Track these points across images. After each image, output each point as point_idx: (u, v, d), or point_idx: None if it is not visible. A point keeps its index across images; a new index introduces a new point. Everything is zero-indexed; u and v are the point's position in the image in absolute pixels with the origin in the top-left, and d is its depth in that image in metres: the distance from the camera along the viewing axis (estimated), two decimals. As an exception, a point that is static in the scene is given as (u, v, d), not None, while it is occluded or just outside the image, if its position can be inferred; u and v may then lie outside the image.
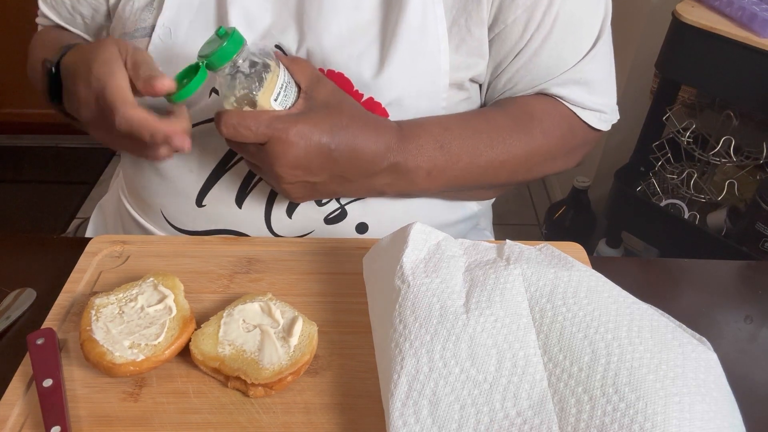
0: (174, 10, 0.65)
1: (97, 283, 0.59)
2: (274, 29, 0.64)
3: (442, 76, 0.65)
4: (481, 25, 0.64)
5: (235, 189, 0.68)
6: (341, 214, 0.70)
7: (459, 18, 0.64)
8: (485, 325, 0.47)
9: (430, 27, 0.63)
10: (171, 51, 0.65)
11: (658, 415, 0.41)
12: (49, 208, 2.11)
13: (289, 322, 0.53)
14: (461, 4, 0.64)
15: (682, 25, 1.25)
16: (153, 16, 0.65)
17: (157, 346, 0.50)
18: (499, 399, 0.44)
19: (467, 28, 0.64)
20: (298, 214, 0.69)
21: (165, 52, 0.65)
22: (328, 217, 0.69)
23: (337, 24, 0.63)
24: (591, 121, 0.72)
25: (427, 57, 0.64)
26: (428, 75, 0.64)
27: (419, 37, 0.63)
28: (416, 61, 0.63)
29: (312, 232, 0.70)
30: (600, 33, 0.68)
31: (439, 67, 0.64)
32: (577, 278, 0.50)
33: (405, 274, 0.51)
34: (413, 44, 0.63)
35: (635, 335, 0.46)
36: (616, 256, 1.69)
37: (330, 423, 0.48)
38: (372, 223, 0.71)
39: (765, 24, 1.16)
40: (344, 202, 0.69)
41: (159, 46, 0.65)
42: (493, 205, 0.91)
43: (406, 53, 0.62)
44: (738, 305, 0.60)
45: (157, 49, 0.65)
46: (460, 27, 0.64)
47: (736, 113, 1.33)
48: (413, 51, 0.63)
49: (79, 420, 0.48)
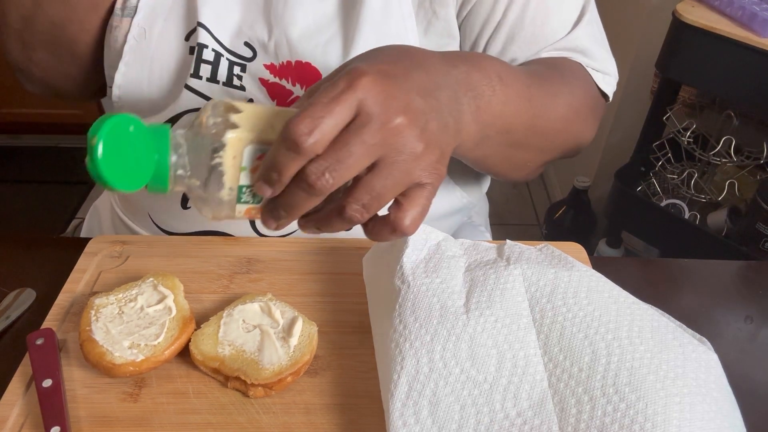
0: (149, 9, 0.65)
1: (96, 284, 0.59)
2: (243, 25, 0.64)
3: None
4: (446, 5, 0.64)
5: None
6: None
7: (424, 0, 0.64)
8: (485, 325, 0.47)
9: (393, 8, 0.63)
10: (144, 52, 0.65)
11: (658, 416, 0.41)
12: (49, 208, 2.11)
13: (289, 322, 0.53)
14: None
15: (682, 25, 1.25)
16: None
17: (157, 346, 0.50)
18: (499, 399, 0.44)
19: (432, 10, 0.64)
20: None
21: (140, 53, 0.65)
22: None
23: (303, 15, 0.63)
24: (599, 81, 0.69)
25: (393, 39, 0.63)
26: None
27: (382, 19, 0.62)
28: (381, 44, 0.62)
29: (296, 231, 0.69)
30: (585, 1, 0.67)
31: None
32: (577, 278, 0.50)
33: (405, 274, 0.51)
34: (377, 27, 0.62)
35: (635, 335, 0.46)
36: (616, 256, 1.69)
37: (330, 423, 0.48)
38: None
39: (765, 24, 1.16)
40: None
41: (134, 47, 0.65)
42: (493, 205, 0.90)
43: (371, 36, 0.62)
44: (738, 305, 0.60)
45: (132, 50, 0.65)
46: (426, 9, 0.64)
47: (737, 113, 1.33)
48: (378, 33, 0.62)
49: (78, 420, 0.48)
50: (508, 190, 2.27)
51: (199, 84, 0.64)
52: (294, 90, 0.64)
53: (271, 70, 0.64)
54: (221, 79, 0.64)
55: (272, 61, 0.64)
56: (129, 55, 0.65)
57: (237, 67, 0.64)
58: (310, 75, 0.63)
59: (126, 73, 0.66)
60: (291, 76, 0.64)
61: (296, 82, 0.64)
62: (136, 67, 0.66)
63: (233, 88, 0.64)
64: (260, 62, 0.64)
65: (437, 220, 0.75)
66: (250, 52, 0.64)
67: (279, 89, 0.64)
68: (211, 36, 0.63)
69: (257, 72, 0.64)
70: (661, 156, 1.46)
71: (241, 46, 0.64)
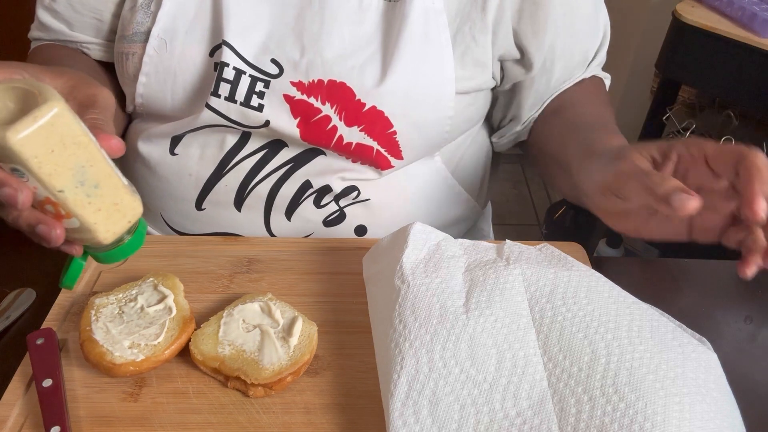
0: (169, 19, 0.64)
1: (96, 283, 0.59)
2: (270, 42, 0.64)
3: (448, 84, 0.65)
4: (486, 32, 0.65)
5: (234, 192, 0.68)
6: (340, 216, 0.70)
7: (463, 26, 0.65)
8: (485, 325, 0.47)
9: (432, 35, 0.63)
10: (166, 64, 0.64)
11: (657, 415, 0.41)
12: (49, 208, 2.10)
13: (289, 322, 0.53)
14: (465, 13, 0.65)
15: (682, 25, 1.25)
16: (150, 19, 0.64)
17: (157, 346, 0.50)
18: (498, 399, 0.44)
19: (472, 35, 0.65)
20: (297, 217, 0.69)
21: (160, 65, 0.64)
22: (326, 219, 0.69)
23: (339, 37, 0.63)
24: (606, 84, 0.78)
25: (431, 64, 0.64)
26: (432, 83, 0.64)
27: (422, 46, 0.63)
28: (419, 69, 0.63)
29: (311, 234, 0.70)
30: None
31: (444, 75, 0.64)
32: (577, 278, 0.50)
33: (405, 274, 0.51)
34: (416, 52, 0.63)
35: (635, 335, 0.46)
36: (616, 256, 1.69)
37: (330, 423, 0.48)
38: (371, 226, 0.71)
39: (765, 24, 1.16)
40: (343, 204, 0.69)
41: (154, 58, 0.64)
42: (493, 205, 0.91)
43: (410, 61, 0.63)
44: (738, 305, 0.60)
45: (152, 61, 0.64)
46: (464, 35, 0.65)
47: (736, 113, 1.33)
48: (416, 59, 0.63)
49: (78, 420, 0.48)
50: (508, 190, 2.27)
51: (218, 102, 0.63)
52: (323, 108, 0.64)
53: (298, 87, 0.63)
54: (239, 99, 0.63)
55: (301, 78, 0.63)
56: (149, 66, 0.64)
57: (260, 83, 0.63)
58: (343, 95, 0.63)
59: (147, 84, 0.65)
60: (321, 95, 0.63)
61: (326, 100, 0.63)
62: (158, 79, 0.65)
63: (250, 109, 0.64)
64: (287, 79, 0.63)
65: (448, 227, 0.76)
66: (277, 69, 0.63)
67: (305, 106, 0.63)
68: (235, 53, 0.63)
69: (282, 89, 0.63)
70: (661, 156, 1.46)
71: (268, 62, 0.63)
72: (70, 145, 0.38)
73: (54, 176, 0.38)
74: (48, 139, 0.37)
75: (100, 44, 0.72)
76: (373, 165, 0.68)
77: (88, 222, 0.41)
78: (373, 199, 0.70)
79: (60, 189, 0.39)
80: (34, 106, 0.37)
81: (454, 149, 0.74)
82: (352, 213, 0.70)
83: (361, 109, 0.63)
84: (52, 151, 0.37)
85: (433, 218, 0.73)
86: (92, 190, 0.40)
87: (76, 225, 0.41)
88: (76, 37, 0.72)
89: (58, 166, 0.38)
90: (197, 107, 0.65)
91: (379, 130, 0.64)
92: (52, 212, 0.40)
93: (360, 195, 0.69)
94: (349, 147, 0.65)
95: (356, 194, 0.69)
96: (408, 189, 0.72)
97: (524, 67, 0.70)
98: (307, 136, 0.64)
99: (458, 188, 0.76)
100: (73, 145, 0.38)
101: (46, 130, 0.37)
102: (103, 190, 0.41)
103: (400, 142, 0.66)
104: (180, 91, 0.65)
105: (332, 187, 0.68)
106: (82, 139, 0.39)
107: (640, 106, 1.56)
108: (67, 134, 0.38)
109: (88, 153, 0.39)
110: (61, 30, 0.72)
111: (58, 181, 0.38)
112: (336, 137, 0.64)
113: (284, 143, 0.66)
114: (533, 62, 0.69)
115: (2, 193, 0.37)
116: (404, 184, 0.71)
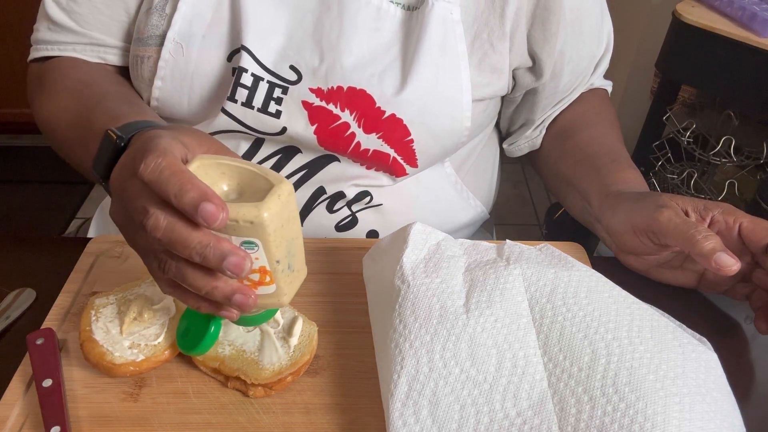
0: (185, 23, 0.63)
1: (97, 283, 0.59)
2: (289, 49, 0.64)
3: (464, 93, 0.65)
4: (504, 39, 0.66)
5: None
6: (352, 221, 0.70)
7: (481, 32, 0.65)
8: (485, 325, 0.47)
9: (449, 44, 0.64)
10: (183, 68, 0.64)
11: (658, 416, 0.41)
12: (49, 208, 2.11)
13: (289, 322, 0.53)
14: (483, 19, 0.65)
15: (682, 25, 1.25)
16: (165, 23, 0.64)
17: (157, 346, 0.50)
18: (499, 399, 0.44)
19: (490, 42, 0.66)
20: (310, 222, 0.69)
21: (176, 69, 0.64)
22: (339, 224, 0.69)
23: (358, 44, 0.63)
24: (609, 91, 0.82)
25: (448, 73, 0.64)
26: (450, 92, 0.65)
27: (439, 54, 0.64)
28: (438, 78, 0.64)
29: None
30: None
31: (461, 84, 0.65)
32: (577, 278, 0.50)
33: (405, 274, 0.51)
34: (434, 61, 0.63)
35: (635, 335, 0.46)
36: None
37: (330, 423, 0.48)
38: (383, 231, 0.71)
39: (765, 24, 1.16)
40: (355, 209, 0.69)
41: (170, 62, 0.64)
42: (494, 206, 0.91)
43: (428, 69, 0.63)
44: (738, 305, 0.60)
45: (168, 65, 0.64)
46: (482, 41, 0.66)
47: (736, 113, 1.33)
48: (435, 67, 0.63)
49: (78, 420, 0.48)
50: (508, 190, 2.27)
51: (234, 108, 0.63)
52: (342, 115, 0.64)
53: (317, 94, 0.63)
54: (256, 105, 0.63)
55: (320, 85, 0.63)
56: (164, 71, 0.64)
57: (278, 89, 0.63)
58: (362, 102, 0.63)
59: (163, 88, 0.65)
60: (340, 101, 0.63)
61: (345, 107, 0.63)
62: (174, 83, 0.65)
63: (267, 115, 0.63)
64: (305, 86, 0.63)
65: (458, 231, 0.76)
66: (295, 75, 0.63)
67: (324, 113, 0.63)
68: (253, 59, 0.63)
69: (301, 95, 0.63)
70: (661, 156, 1.46)
71: (286, 69, 0.63)
72: (291, 219, 0.42)
73: (278, 248, 0.41)
74: (281, 215, 0.40)
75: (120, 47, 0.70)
76: (388, 172, 0.68)
77: (282, 287, 0.43)
78: (385, 204, 0.70)
79: (277, 259, 0.42)
80: (254, 184, 0.42)
81: (464, 155, 0.74)
82: (364, 218, 0.70)
83: (380, 116, 0.63)
84: (282, 226, 0.41)
85: (443, 223, 0.74)
86: (293, 258, 0.43)
87: (271, 291, 0.43)
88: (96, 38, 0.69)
89: (282, 239, 0.41)
90: (213, 112, 0.65)
91: (397, 138, 0.65)
92: (254, 281, 0.43)
93: (372, 200, 0.69)
94: (366, 154, 0.65)
95: (369, 199, 0.69)
96: (419, 194, 0.72)
97: (535, 75, 0.70)
98: (324, 142, 0.65)
99: (467, 193, 0.77)
100: (292, 219, 0.42)
101: (283, 207, 0.40)
102: (297, 258, 0.44)
103: (417, 149, 0.66)
104: (196, 95, 0.65)
105: (345, 193, 0.68)
106: (296, 215, 0.43)
107: (640, 106, 1.56)
108: (292, 210, 0.42)
109: (297, 227, 0.43)
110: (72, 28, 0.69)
111: (278, 252, 0.41)
112: (353, 144, 0.65)
113: (298, 149, 0.67)
114: (544, 69, 0.69)
115: (229, 262, 0.39)
116: (415, 189, 0.72)
